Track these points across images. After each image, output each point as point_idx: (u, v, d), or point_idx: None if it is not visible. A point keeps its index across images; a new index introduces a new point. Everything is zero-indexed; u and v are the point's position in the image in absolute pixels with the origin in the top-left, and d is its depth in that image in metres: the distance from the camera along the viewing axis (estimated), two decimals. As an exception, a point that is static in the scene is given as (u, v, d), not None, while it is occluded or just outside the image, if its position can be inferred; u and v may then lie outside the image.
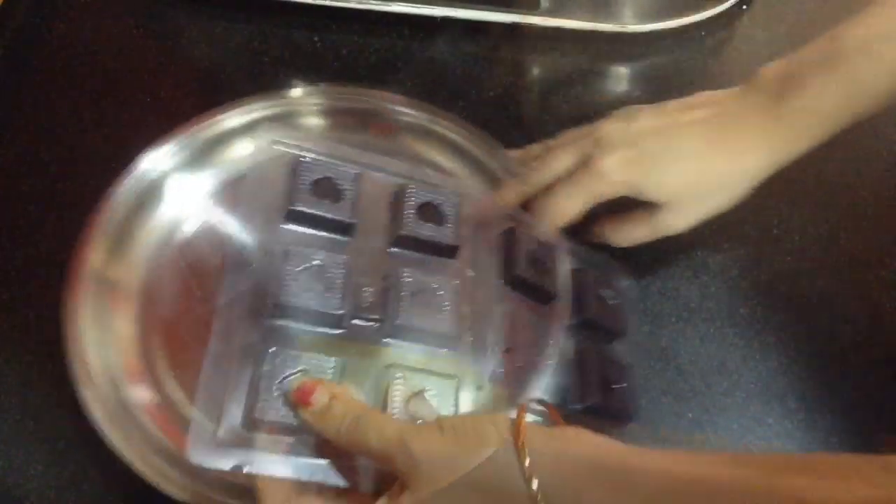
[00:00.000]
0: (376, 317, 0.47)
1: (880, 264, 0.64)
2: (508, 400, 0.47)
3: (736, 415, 0.57)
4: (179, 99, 0.70)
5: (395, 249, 0.50)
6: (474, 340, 0.48)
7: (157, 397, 0.51)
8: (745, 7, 0.77)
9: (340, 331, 0.46)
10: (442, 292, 0.48)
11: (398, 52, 0.74)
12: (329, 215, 0.49)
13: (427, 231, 0.50)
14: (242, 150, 0.61)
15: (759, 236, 0.65)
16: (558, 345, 0.50)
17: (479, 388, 0.47)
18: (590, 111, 0.60)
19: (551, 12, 0.72)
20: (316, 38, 0.74)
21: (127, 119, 0.68)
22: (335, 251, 0.47)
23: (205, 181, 0.61)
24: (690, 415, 0.57)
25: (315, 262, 0.45)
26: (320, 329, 0.45)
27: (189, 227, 0.59)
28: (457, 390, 0.46)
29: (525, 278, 0.51)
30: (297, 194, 0.48)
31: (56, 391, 0.55)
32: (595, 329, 0.54)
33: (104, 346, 0.52)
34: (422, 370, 0.46)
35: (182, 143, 0.60)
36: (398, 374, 0.45)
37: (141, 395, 0.51)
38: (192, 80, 0.72)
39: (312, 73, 0.73)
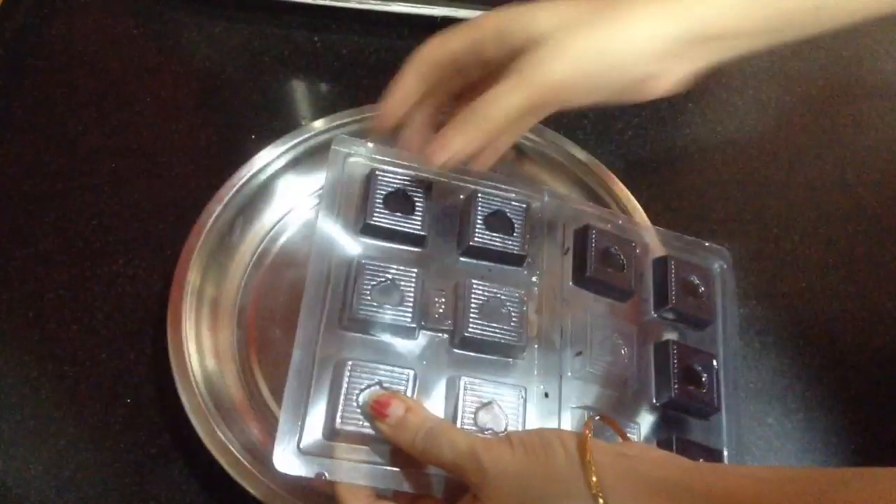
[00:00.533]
0: (447, 327, 0.48)
1: (880, 264, 0.64)
2: (577, 405, 0.49)
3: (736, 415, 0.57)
4: (179, 99, 0.70)
5: (465, 259, 0.51)
6: (541, 348, 0.49)
7: (251, 402, 0.54)
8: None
9: (413, 341, 0.48)
10: (510, 302, 0.49)
11: (398, 52, 0.73)
12: (402, 228, 0.50)
13: (496, 241, 0.51)
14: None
15: (759, 236, 0.65)
16: (633, 345, 0.51)
17: (546, 395, 0.48)
18: (589, 110, 0.60)
19: (551, 12, 0.72)
20: (316, 38, 0.74)
21: (127, 119, 0.68)
22: (408, 263, 0.49)
23: (306, 189, 0.63)
24: (690, 415, 0.57)
25: (389, 276, 0.48)
26: (395, 339, 0.47)
27: (286, 236, 0.61)
28: (524, 400, 0.47)
29: (597, 278, 0.51)
30: (372, 208, 0.50)
31: (57, 391, 0.55)
32: (681, 320, 0.53)
33: (203, 354, 0.54)
34: (490, 380, 0.47)
35: (284, 151, 0.61)
36: (468, 385, 0.46)
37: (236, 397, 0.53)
38: (192, 80, 0.72)
39: (312, 73, 0.73)
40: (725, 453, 0.50)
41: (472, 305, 0.48)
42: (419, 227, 0.50)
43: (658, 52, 0.43)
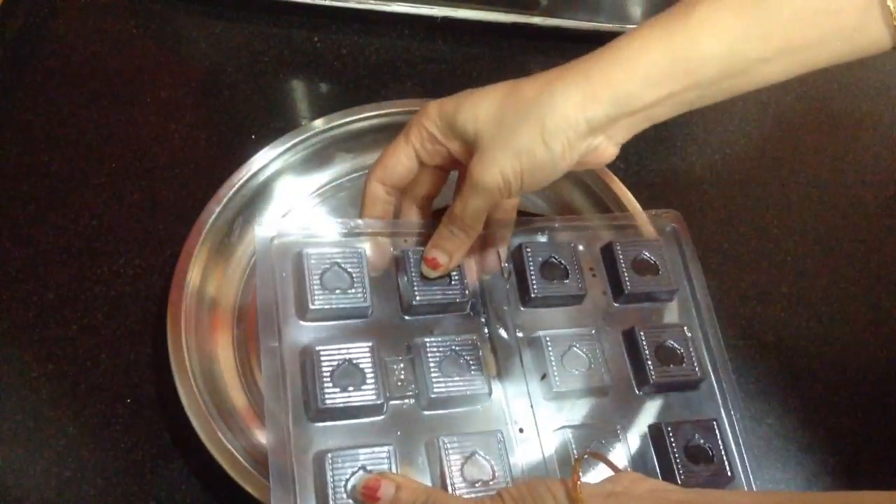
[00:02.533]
0: (412, 392, 0.48)
1: (880, 264, 0.64)
2: (557, 428, 0.49)
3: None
4: (179, 99, 0.70)
5: (411, 318, 0.51)
6: (506, 384, 0.50)
7: (251, 402, 0.54)
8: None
9: (383, 416, 0.47)
10: (465, 351, 0.49)
11: (398, 52, 0.74)
12: (346, 305, 0.49)
13: (436, 294, 0.51)
14: (351, 158, 0.64)
15: (759, 236, 0.65)
16: (599, 344, 0.51)
17: (521, 430, 0.48)
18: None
19: (551, 12, 0.72)
20: (316, 38, 0.74)
21: (127, 119, 0.68)
22: (359, 337, 0.49)
23: (306, 189, 0.63)
24: (690, 415, 0.57)
25: (345, 357, 0.47)
26: (365, 420, 0.47)
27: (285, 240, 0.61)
28: (503, 442, 0.47)
29: (544, 295, 0.51)
30: (311, 292, 0.49)
31: (57, 391, 0.55)
32: (644, 300, 0.53)
33: (203, 354, 0.54)
34: (466, 433, 0.47)
35: (284, 151, 0.61)
36: (446, 444, 0.46)
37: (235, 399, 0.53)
38: (192, 80, 0.72)
39: (312, 73, 0.73)
40: (724, 419, 0.50)
41: (431, 365, 0.48)
42: (362, 300, 0.50)
43: (581, 135, 0.46)
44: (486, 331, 0.51)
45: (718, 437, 0.50)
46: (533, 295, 0.51)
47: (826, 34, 0.43)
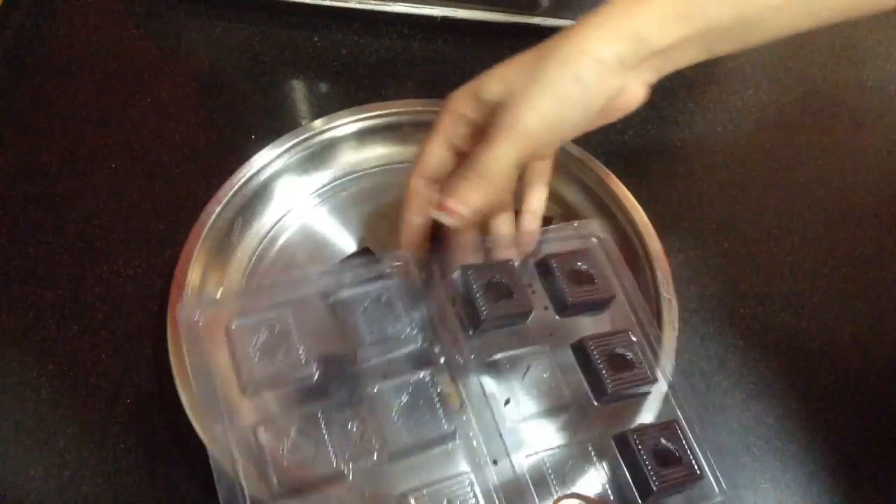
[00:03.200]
0: (374, 448, 0.46)
1: (880, 264, 0.64)
2: (530, 453, 0.48)
3: (736, 415, 0.57)
4: (179, 99, 0.70)
5: (361, 365, 0.49)
6: (471, 416, 0.47)
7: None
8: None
9: (348, 481, 0.45)
10: (422, 390, 0.47)
11: (398, 52, 0.74)
12: (292, 376, 0.47)
13: (385, 333, 0.48)
14: (355, 156, 0.64)
15: (758, 236, 0.65)
16: (551, 361, 0.50)
17: (495, 462, 0.46)
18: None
19: (551, 12, 0.72)
20: (316, 38, 0.74)
21: (127, 119, 0.69)
22: (309, 401, 0.46)
23: (306, 189, 0.63)
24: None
25: (295, 433, 0.45)
26: (331, 491, 0.45)
27: (285, 237, 0.61)
28: (474, 484, 0.45)
29: (492, 317, 0.50)
30: (249, 365, 0.46)
31: (57, 391, 0.55)
32: (586, 311, 0.53)
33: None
34: (438, 480, 0.45)
35: (284, 151, 0.61)
36: (419, 500, 0.44)
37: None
38: (192, 80, 0.72)
39: (312, 73, 0.73)
40: (682, 419, 0.50)
41: (389, 415, 0.46)
42: (304, 365, 0.47)
43: (616, 67, 0.46)
44: (442, 360, 0.49)
45: (681, 437, 0.49)
46: (482, 319, 0.49)
47: None
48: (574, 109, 0.47)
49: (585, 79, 0.46)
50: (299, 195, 0.62)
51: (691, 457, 0.49)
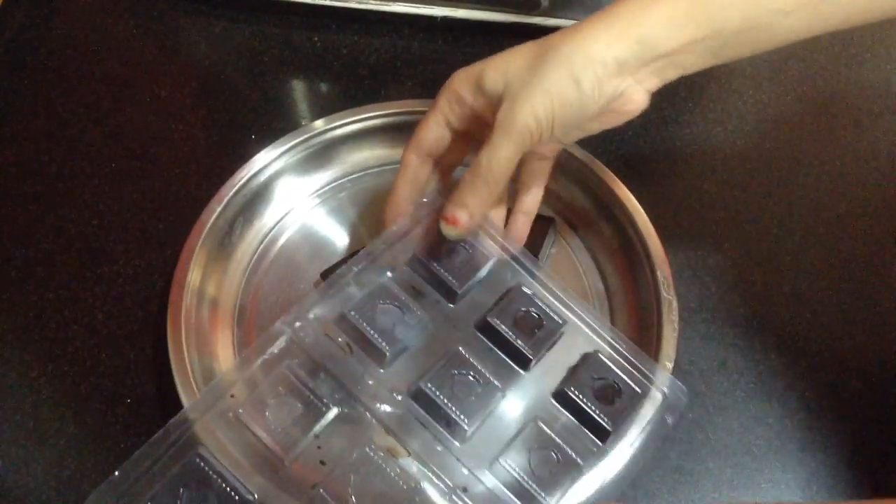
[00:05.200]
0: None
1: (880, 264, 0.64)
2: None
3: (736, 415, 0.57)
4: (179, 99, 0.70)
5: (293, 463, 0.45)
6: (423, 457, 0.46)
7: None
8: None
9: None
10: (367, 464, 0.45)
11: (398, 52, 0.74)
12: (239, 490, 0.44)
13: (296, 414, 0.45)
14: (355, 156, 0.64)
15: (759, 236, 0.65)
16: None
17: (465, 490, 0.45)
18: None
19: (551, 12, 0.72)
20: (316, 38, 0.74)
21: (127, 119, 0.69)
22: (257, 479, 0.44)
23: (306, 189, 0.63)
24: (690, 415, 0.57)
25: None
26: None
27: (286, 236, 0.61)
28: None
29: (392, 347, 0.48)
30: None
31: (57, 391, 0.55)
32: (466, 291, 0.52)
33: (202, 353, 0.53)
34: None
35: (284, 151, 0.61)
36: None
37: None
38: (192, 80, 0.72)
39: (312, 73, 0.73)
40: (602, 347, 0.50)
41: (346, 490, 0.43)
42: (244, 491, 0.44)
43: (610, 73, 0.46)
44: (368, 415, 0.46)
45: (611, 365, 0.49)
46: (386, 351, 0.47)
47: None
48: (570, 109, 0.46)
49: (583, 81, 0.46)
50: (299, 195, 0.62)
51: (628, 381, 0.49)
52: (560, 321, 0.51)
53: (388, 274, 0.51)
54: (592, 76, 0.46)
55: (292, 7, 0.74)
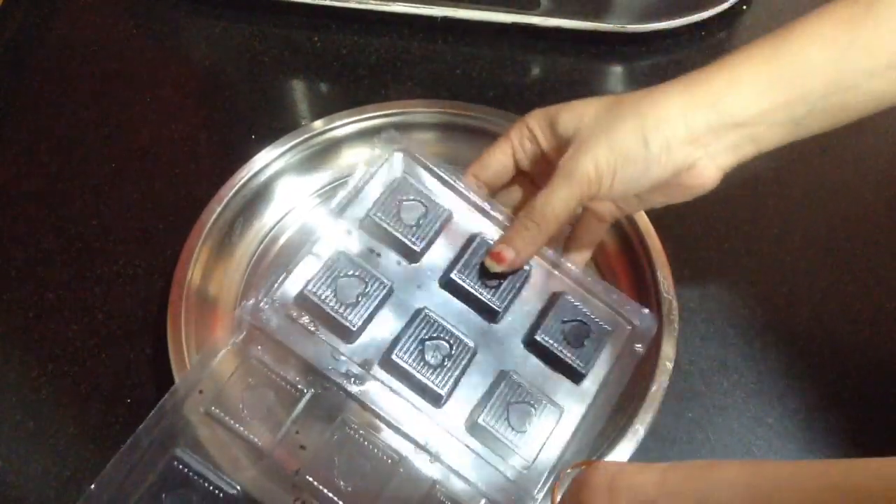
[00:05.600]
0: None
1: (880, 264, 0.64)
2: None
3: (736, 415, 0.57)
4: (179, 99, 0.70)
5: (280, 453, 0.45)
6: (403, 427, 0.45)
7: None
8: (745, 7, 0.77)
9: None
10: (349, 441, 0.45)
11: (398, 52, 0.74)
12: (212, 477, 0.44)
13: (272, 409, 0.45)
14: (355, 156, 0.63)
15: (759, 236, 0.65)
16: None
17: (448, 454, 0.45)
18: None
19: (551, 12, 0.72)
20: (316, 38, 0.74)
21: (127, 119, 0.69)
22: (238, 473, 0.44)
23: (306, 189, 0.62)
24: (690, 415, 0.57)
25: None
26: None
27: (286, 236, 0.61)
28: (443, 493, 0.44)
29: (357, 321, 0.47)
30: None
31: (57, 391, 0.55)
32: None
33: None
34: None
35: (284, 151, 0.61)
36: None
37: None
38: (192, 80, 0.72)
39: (312, 73, 0.73)
40: (568, 287, 0.50)
41: (332, 489, 0.43)
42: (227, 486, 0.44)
43: (680, 140, 0.45)
44: (342, 394, 0.46)
45: (578, 305, 0.49)
46: (353, 327, 0.47)
47: None
48: (633, 166, 0.45)
49: (651, 141, 0.45)
50: (299, 195, 0.62)
51: (596, 318, 0.49)
52: (527, 265, 0.50)
53: (345, 241, 0.50)
54: (662, 139, 0.45)
55: (292, 7, 0.74)
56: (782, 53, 0.44)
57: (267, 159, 0.60)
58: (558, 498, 0.38)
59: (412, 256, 0.50)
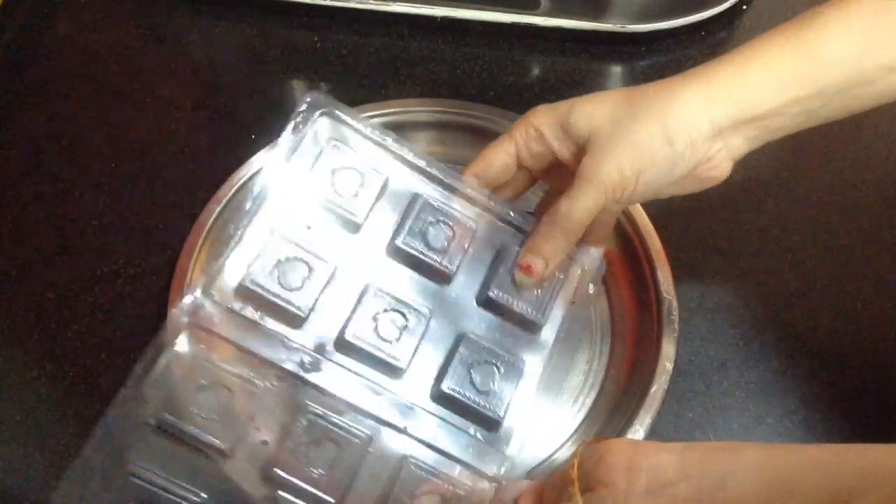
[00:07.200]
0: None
1: (880, 264, 0.64)
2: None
3: (736, 415, 0.57)
4: (179, 99, 0.70)
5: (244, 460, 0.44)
6: (364, 407, 0.45)
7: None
8: (745, 7, 0.77)
9: None
10: (316, 429, 0.43)
11: (398, 52, 0.74)
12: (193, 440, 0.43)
13: (226, 412, 0.43)
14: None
15: (759, 236, 0.65)
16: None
17: (415, 426, 0.45)
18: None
19: (551, 12, 0.72)
20: (316, 38, 0.74)
21: (127, 119, 0.69)
22: (202, 479, 0.43)
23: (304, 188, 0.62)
24: (690, 415, 0.57)
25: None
26: None
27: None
28: (418, 465, 0.44)
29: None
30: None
31: (57, 391, 0.55)
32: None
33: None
34: (394, 483, 0.43)
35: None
36: None
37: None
38: (192, 80, 0.72)
39: (312, 73, 0.73)
40: (509, 240, 0.50)
41: (310, 475, 0.42)
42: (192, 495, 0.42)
43: (704, 136, 0.45)
44: (300, 383, 0.44)
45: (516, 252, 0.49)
46: (299, 314, 0.45)
47: None
48: (658, 168, 0.45)
49: (677, 141, 0.44)
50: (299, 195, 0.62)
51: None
52: (472, 221, 0.49)
53: (280, 222, 0.47)
54: (687, 137, 0.44)
55: (292, 7, 0.74)
56: (803, 46, 0.44)
57: (267, 159, 0.60)
58: (575, 475, 0.38)
59: (353, 227, 0.48)
